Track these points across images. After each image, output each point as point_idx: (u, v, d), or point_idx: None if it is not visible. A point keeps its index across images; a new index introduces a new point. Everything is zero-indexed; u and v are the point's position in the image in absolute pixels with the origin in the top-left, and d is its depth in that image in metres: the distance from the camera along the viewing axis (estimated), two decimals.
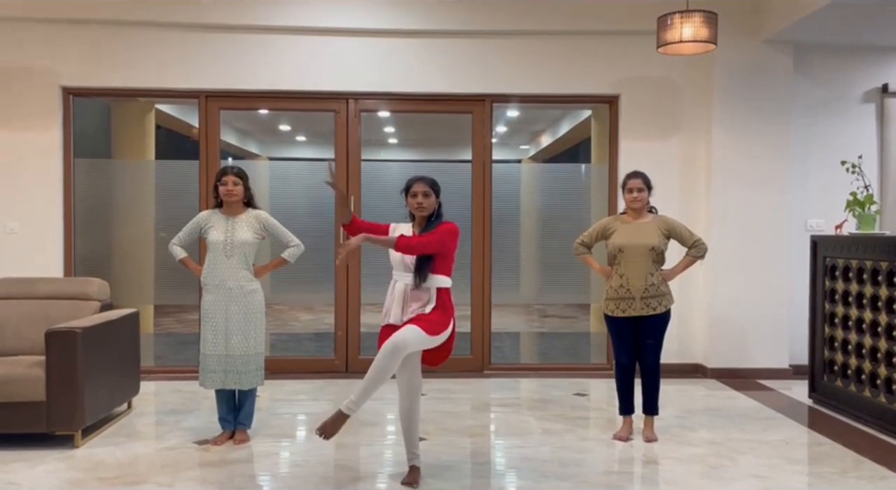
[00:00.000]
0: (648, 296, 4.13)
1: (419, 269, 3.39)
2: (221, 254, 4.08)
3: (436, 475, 3.61)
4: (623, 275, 4.17)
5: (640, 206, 4.21)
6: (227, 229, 4.11)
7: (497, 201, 6.17)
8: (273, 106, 6.36)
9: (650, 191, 4.25)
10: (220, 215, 4.16)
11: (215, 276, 4.08)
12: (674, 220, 4.31)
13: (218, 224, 4.13)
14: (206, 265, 4.12)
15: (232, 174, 4.14)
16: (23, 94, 5.79)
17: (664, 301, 4.18)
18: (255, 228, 4.15)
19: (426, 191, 3.50)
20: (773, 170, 5.94)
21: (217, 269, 4.08)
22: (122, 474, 3.60)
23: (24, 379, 3.92)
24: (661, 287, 4.17)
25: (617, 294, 4.19)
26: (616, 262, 4.22)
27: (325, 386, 5.62)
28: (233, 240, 4.08)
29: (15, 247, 5.78)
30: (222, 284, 4.06)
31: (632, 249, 4.15)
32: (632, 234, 4.19)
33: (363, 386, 3.23)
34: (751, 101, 5.92)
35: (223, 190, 4.12)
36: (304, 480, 3.56)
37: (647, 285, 4.13)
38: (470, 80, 5.99)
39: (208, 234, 4.13)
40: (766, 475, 3.67)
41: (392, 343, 3.21)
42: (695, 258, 4.26)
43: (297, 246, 4.25)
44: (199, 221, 4.20)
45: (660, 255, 4.18)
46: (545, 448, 4.09)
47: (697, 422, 4.65)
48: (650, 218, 4.26)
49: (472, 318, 6.16)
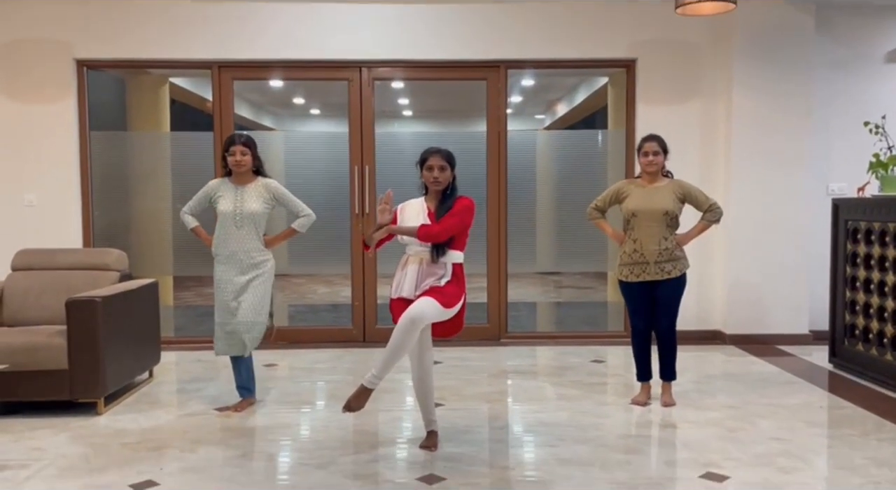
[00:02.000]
0: (663, 260, 4.06)
1: (438, 244, 3.38)
2: (231, 224, 4.02)
3: (453, 439, 3.63)
4: (637, 239, 4.11)
5: (654, 170, 4.13)
6: (237, 199, 4.04)
7: (512, 170, 6.12)
8: (286, 75, 6.32)
9: (666, 155, 4.16)
10: (230, 184, 4.09)
11: (226, 247, 4.04)
12: (689, 183, 4.22)
13: (227, 194, 4.06)
14: (217, 235, 4.07)
15: (240, 143, 4.04)
16: (37, 67, 5.79)
17: (679, 265, 4.11)
18: (265, 198, 4.07)
19: (442, 165, 3.45)
20: (794, 133, 5.83)
21: (228, 240, 4.03)
22: (145, 440, 3.65)
23: (47, 347, 3.98)
24: (676, 251, 4.10)
25: (630, 259, 4.13)
26: (629, 226, 4.15)
27: (342, 355, 5.65)
28: (242, 210, 4.02)
29: (34, 219, 5.82)
30: (233, 255, 4.02)
31: (645, 214, 4.08)
32: (645, 198, 4.11)
33: (383, 359, 3.24)
34: (771, 63, 5.79)
35: (231, 160, 4.04)
36: (323, 445, 3.59)
37: (661, 249, 4.06)
38: (484, 46, 5.91)
39: (217, 203, 4.08)
40: (786, 438, 3.65)
41: (409, 316, 3.21)
42: (710, 223, 4.17)
43: (307, 216, 4.16)
44: (209, 190, 4.14)
45: (674, 219, 4.10)
46: (563, 413, 4.10)
47: (716, 387, 4.63)
48: (665, 182, 4.17)
49: (488, 287, 6.15)
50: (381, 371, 3.25)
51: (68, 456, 3.42)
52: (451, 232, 3.38)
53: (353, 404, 3.29)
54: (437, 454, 3.43)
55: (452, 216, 3.39)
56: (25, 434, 3.73)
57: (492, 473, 3.24)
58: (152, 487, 3.06)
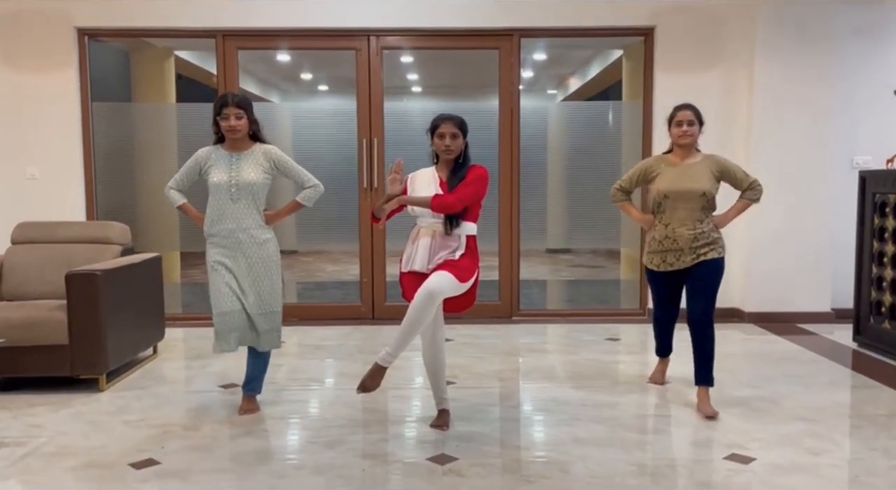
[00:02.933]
0: (698, 245, 3.59)
1: (451, 215, 3.23)
2: (226, 198, 3.46)
3: (465, 418, 3.50)
4: (668, 224, 3.63)
5: (689, 143, 3.64)
6: (232, 168, 3.47)
7: (524, 143, 5.93)
8: (292, 45, 6.13)
9: (701, 126, 3.68)
10: (223, 152, 3.52)
11: (221, 224, 3.47)
12: (725, 159, 3.73)
13: (220, 163, 3.49)
14: (210, 212, 3.50)
15: (233, 105, 3.43)
16: (37, 36, 5.63)
17: (716, 247, 3.62)
18: (265, 167, 3.51)
19: (454, 132, 3.28)
20: (820, 102, 5.61)
21: (223, 217, 3.47)
22: (147, 417, 3.54)
23: (47, 322, 3.86)
24: (712, 234, 3.62)
25: (661, 246, 3.66)
26: (660, 209, 3.68)
27: (351, 332, 5.53)
28: (238, 180, 3.45)
29: (36, 193, 5.70)
30: (231, 234, 3.47)
31: (679, 195, 3.59)
32: (679, 177, 3.62)
33: (399, 336, 3.09)
34: (796, 30, 5.56)
35: (224, 125, 3.45)
36: (332, 423, 3.47)
37: (697, 234, 3.58)
38: (496, 14, 5.70)
39: (209, 174, 3.50)
40: (812, 418, 3.50)
41: (427, 291, 3.06)
42: (750, 201, 3.71)
43: (314, 187, 3.61)
44: (198, 160, 3.56)
45: (711, 200, 3.62)
46: (577, 392, 3.96)
47: (737, 366, 4.49)
48: (699, 157, 3.68)
49: (500, 264, 5.99)
50: (396, 348, 3.11)
51: (68, 433, 3.32)
52: (466, 202, 3.22)
53: (369, 384, 3.14)
54: (448, 433, 3.30)
55: (467, 186, 3.24)
56: (25, 411, 3.63)
57: (505, 453, 3.11)
58: (152, 466, 2.94)
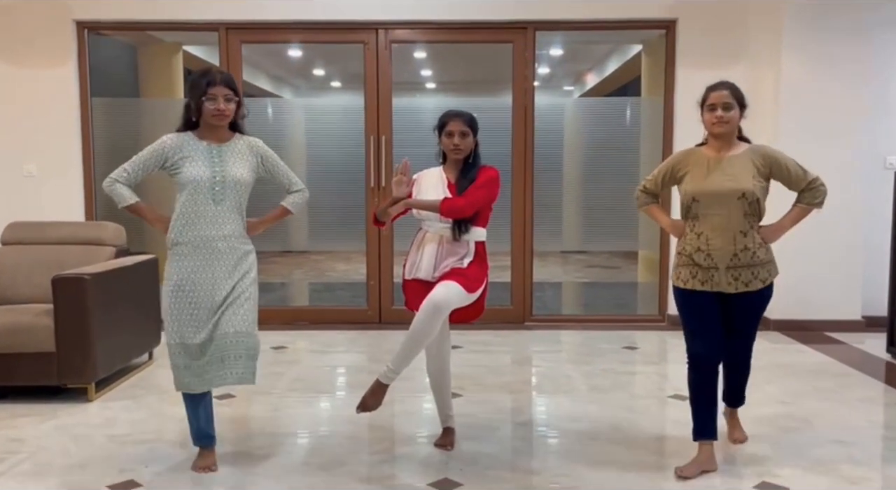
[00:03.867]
0: (740, 265, 2.82)
1: (460, 220, 2.99)
2: (206, 198, 2.80)
3: (472, 437, 3.26)
4: (701, 234, 2.86)
5: (726, 132, 2.89)
6: (214, 162, 2.82)
7: (539, 140, 5.68)
8: (297, 38, 5.92)
9: (743, 110, 2.93)
10: (199, 142, 2.84)
11: (194, 231, 2.79)
12: (776, 151, 2.95)
13: (197, 154, 2.81)
14: (180, 215, 2.81)
15: (222, 84, 2.78)
16: (35, 29, 5.45)
17: (763, 272, 2.86)
18: (251, 163, 2.90)
19: (464, 130, 3.04)
20: (850, 100, 5.30)
21: (198, 221, 2.79)
22: (134, 431, 3.34)
23: (32, 328, 3.67)
24: (759, 252, 2.84)
25: (692, 261, 2.88)
26: (690, 214, 2.91)
27: (356, 337, 5.31)
28: (224, 177, 2.82)
29: (34, 191, 5.52)
30: (206, 244, 2.80)
31: (712, 198, 2.83)
32: (712, 174, 2.86)
33: (402, 351, 2.85)
34: (826, 22, 5.25)
35: (211, 108, 2.77)
36: (329, 440, 3.26)
37: (738, 251, 2.82)
38: (510, 6, 5.44)
39: (181, 168, 2.80)
40: (848, 440, 3.23)
41: (433, 303, 2.82)
42: (810, 207, 2.93)
43: (301, 191, 3.05)
44: (165, 149, 2.82)
45: (754, 204, 2.82)
46: (593, 407, 3.71)
47: (763, 378, 4.20)
48: (741, 149, 2.92)
49: (512, 267, 5.75)
50: (398, 364, 2.87)
51: (49, 449, 3.12)
52: (478, 206, 2.99)
53: (370, 402, 2.91)
54: (453, 454, 3.07)
55: (478, 188, 3.00)
56: (7, 422, 3.44)
57: (514, 478, 2.87)
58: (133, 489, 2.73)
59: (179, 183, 2.82)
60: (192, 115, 2.83)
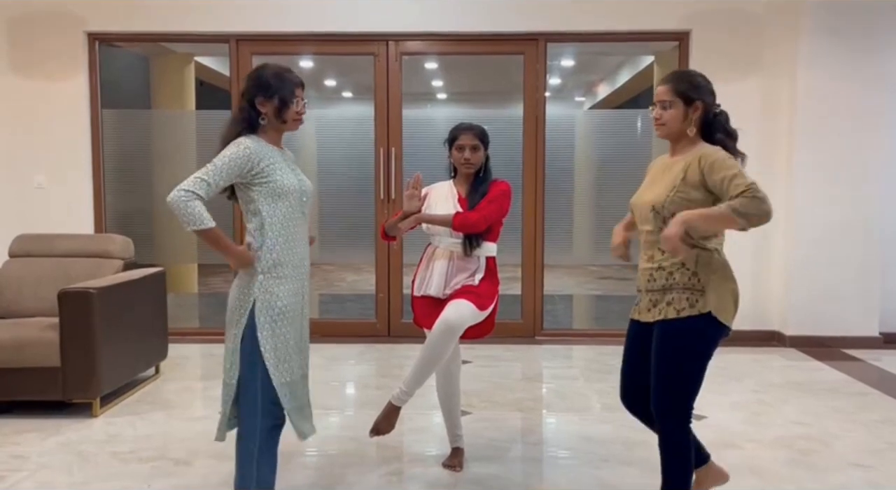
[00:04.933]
0: (655, 288, 2.37)
1: (471, 235, 2.94)
2: (298, 211, 2.46)
3: (481, 457, 3.19)
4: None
5: (663, 134, 2.41)
6: (295, 170, 2.53)
7: (550, 152, 5.63)
8: (307, 50, 5.90)
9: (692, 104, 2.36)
10: (272, 147, 2.45)
11: (295, 248, 2.45)
12: (722, 155, 2.27)
13: (279, 162, 2.43)
14: (281, 230, 2.41)
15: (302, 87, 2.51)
16: (46, 40, 5.46)
17: (680, 300, 2.30)
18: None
19: (475, 144, 3.00)
20: (868, 114, 5.22)
21: (296, 237, 2.46)
22: (137, 449, 3.28)
23: (38, 343, 3.63)
24: (677, 274, 2.31)
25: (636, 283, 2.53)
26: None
27: (365, 351, 5.25)
28: (307, 187, 2.52)
29: (43, 203, 5.51)
30: (303, 261, 2.50)
31: (637, 210, 2.47)
32: (651, 183, 2.46)
33: (415, 372, 2.80)
34: (843, 35, 5.18)
35: (294, 112, 2.46)
36: (335, 460, 3.19)
37: (653, 269, 2.37)
38: (521, 17, 5.41)
39: (271, 177, 2.38)
40: (869, 463, 3.14)
41: (446, 323, 2.76)
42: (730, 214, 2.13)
43: None
44: (250, 156, 2.34)
45: (669, 219, 2.25)
46: (606, 426, 3.63)
47: (778, 397, 4.12)
48: (692, 152, 2.33)
49: (522, 280, 5.68)
50: (411, 386, 2.81)
51: (51, 467, 3.07)
52: (490, 220, 2.94)
53: (383, 426, 2.85)
54: (461, 476, 3.00)
55: (490, 202, 2.95)
56: (11, 438, 3.40)
57: None
58: None
59: (271, 194, 2.38)
60: (259, 115, 2.43)
